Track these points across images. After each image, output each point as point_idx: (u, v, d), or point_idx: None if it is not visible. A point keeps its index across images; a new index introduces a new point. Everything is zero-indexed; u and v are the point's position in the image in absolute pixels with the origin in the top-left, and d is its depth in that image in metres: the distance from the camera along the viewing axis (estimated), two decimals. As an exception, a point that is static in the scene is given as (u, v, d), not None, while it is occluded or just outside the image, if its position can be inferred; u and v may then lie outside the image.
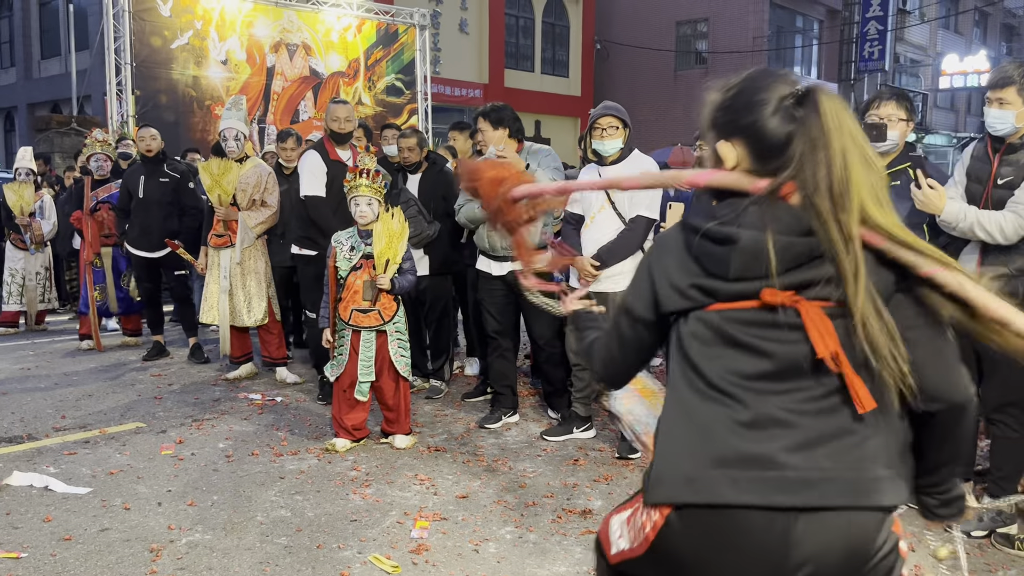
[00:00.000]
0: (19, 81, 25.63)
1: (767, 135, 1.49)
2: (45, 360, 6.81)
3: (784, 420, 1.46)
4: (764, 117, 1.49)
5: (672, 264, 1.55)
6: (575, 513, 3.71)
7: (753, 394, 1.48)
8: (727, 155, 1.56)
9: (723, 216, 1.49)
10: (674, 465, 1.52)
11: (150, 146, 6.64)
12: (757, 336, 1.48)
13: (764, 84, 1.52)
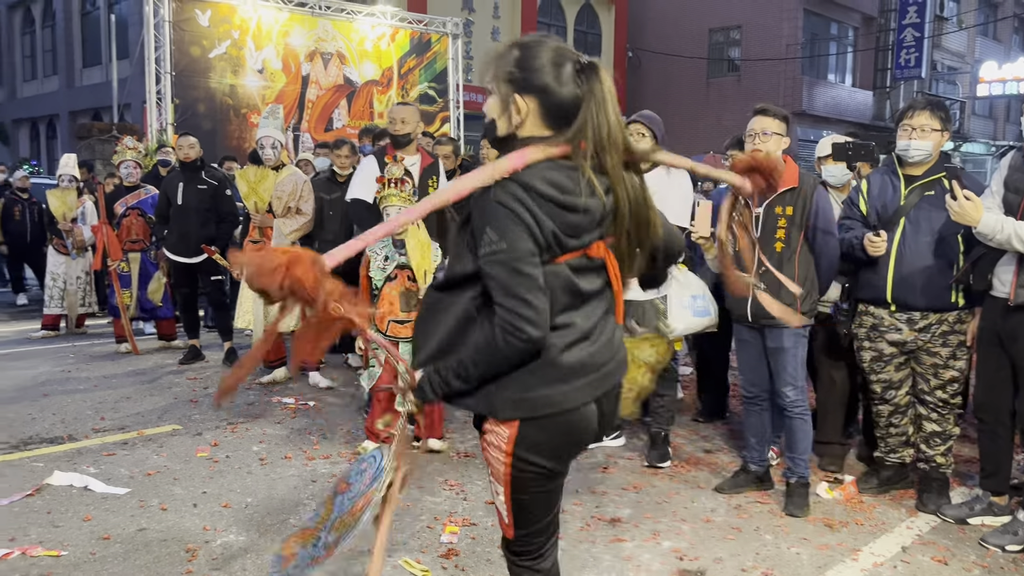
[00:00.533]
0: (61, 89, 26.23)
1: (558, 96, 1.82)
2: (85, 362, 6.96)
3: (594, 330, 1.91)
4: (557, 80, 1.81)
5: (542, 217, 1.77)
6: (604, 521, 3.72)
7: (581, 316, 1.89)
8: (521, 107, 1.84)
9: (567, 188, 1.79)
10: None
11: (188, 154, 6.77)
12: (584, 279, 1.87)
13: (555, 51, 1.83)
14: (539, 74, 1.81)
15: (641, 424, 5.22)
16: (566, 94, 1.81)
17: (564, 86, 1.81)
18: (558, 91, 1.81)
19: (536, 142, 1.82)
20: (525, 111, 1.84)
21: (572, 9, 25.99)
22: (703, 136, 21.02)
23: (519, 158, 1.79)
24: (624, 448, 4.77)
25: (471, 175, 1.84)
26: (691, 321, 4.41)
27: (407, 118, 5.06)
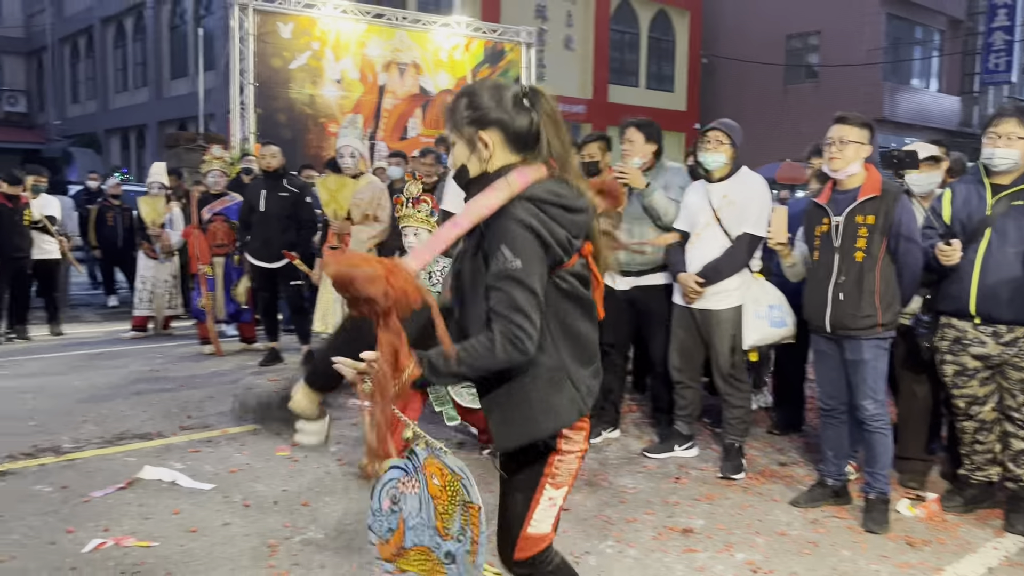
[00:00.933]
0: (151, 100, 27.34)
1: (515, 123, 2.00)
2: (171, 363, 7.25)
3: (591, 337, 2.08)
4: (509, 110, 1.99)
5: (554, 226, 1.93)
6: (676, 531, 3.70)
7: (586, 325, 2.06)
8: (488, 140, 2.01)
9: (566, 194, 1.96)
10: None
11: (271, 163, 7.00)
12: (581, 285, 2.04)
13: (496, 88, 2.04)
14: (492, 109, 2.00)
15: (714, 435, 5.17)
16: (522, 120, 2.00)
17: (517, 113, 2.00)
18: (514, 119, 2.00)
19: (513, 168, 1.99)
20: (492, 144, 2.01)
21: (646, 16, 25.87)
22: (779, 143, 20.64)
23: (521, 176, 1.96)
24: (697, 459, 4.73)
25: (484, 197, 1.96)
26: (767, 332, 4.35)
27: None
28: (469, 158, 2.05)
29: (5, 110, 32.44)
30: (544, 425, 2.01)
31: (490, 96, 2.01)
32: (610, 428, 5.13)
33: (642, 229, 4.78)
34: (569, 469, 2.10)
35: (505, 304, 1.88)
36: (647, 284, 4.86)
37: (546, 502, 2.10)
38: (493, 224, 1.94)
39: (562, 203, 1.94)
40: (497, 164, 2.02)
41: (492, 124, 2.00)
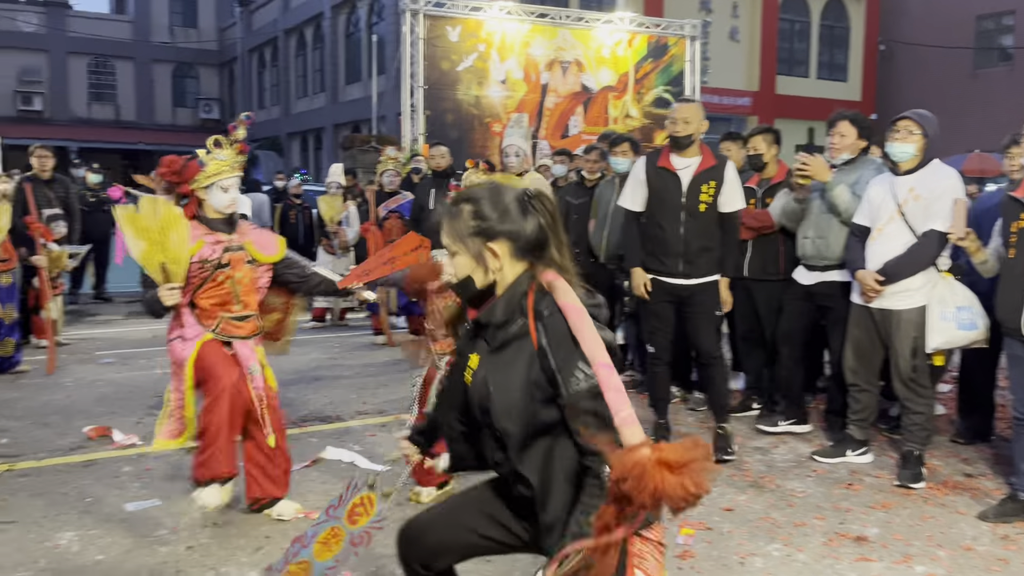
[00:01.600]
0: (327, 105, 29.02)
1: (524, 231, 1.90)
2: (348, 351, 7.70)
3: None
4: (517, 218, 1.90)
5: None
6: (848, 538, 3.57)
7: None
8: (501, 251, 1.91)
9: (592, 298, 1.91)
10: None
11: (440, 163, 7.28)
12: None
13: (499, 192, 1.92)
14: (500, 218, 1.90)
15: (891, 441, 4.92)
16: (530, 227, 1.90)
17: (525, 220, 1.90)
18: (522, 227, 1.90)
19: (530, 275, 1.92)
20: (501, 255, 1.91)
21: (818, 3, 24.73)
22: (968, 133, 19.14)
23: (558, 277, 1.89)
24: (872, 465, 4.52)
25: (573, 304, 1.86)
26: (954, 335, 4.09)
27: (690, 117, 4.49)
28: (475, 270, 1.95)
29: (201, 117, 35.41)
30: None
31: (494, 204, 1.90)
32: (792, 421, 5.00)
33: (831, 223, 4.61)
34: (656, 560, 1.82)
35: (599, 426, 1.73)
36: (830, 280, 4.68)
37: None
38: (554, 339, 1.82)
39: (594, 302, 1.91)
40: (508, 276, 1.92)
41: (501, 235, 1.90)
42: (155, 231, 3.25)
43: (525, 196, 1.91)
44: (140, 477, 4.22)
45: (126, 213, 3.23)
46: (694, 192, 4.49)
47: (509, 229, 1.89)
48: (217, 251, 3.48)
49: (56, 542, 3.44)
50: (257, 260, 3.62)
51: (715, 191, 4.49)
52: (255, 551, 3.37)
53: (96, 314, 9.77)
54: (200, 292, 3.49)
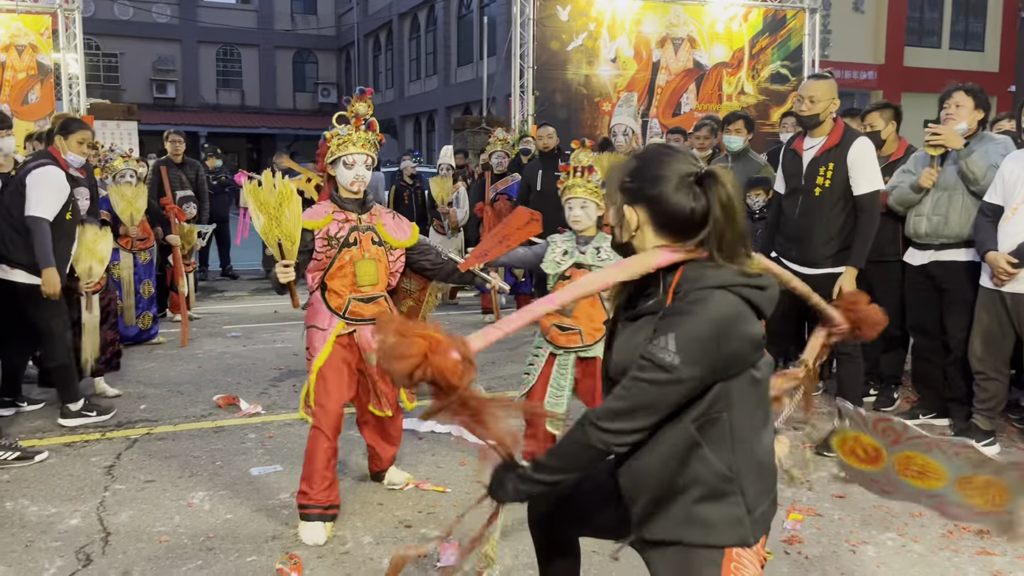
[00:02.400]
0: (439, 87, 29.50)
1: (670, 206, 1.75)
2: (458, 329, 7.77)
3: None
4: (669, 190, 1.74)
5: (750, 323, 1.72)
6: (969, 531, 3.42)
7: (770, 436, 1.85)
8: (631, 218, 1.81)
9: (744, 272, 1.73)
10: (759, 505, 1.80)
11: (547, 143, 7.32)
12: (768, 371, 1.82)
13: (669, 160, 1.77)
14: (651, 184, 1.76)
15: (1020, 433, 4.66)
16: (680, 204, 1.74)
17: (678, 196, 1.74)
18: (670, 200, 1.74)
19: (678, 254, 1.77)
20: (635, 221, 1.80)
21: (951, -32, 23.27)
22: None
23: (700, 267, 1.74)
24: (999, 456, 4.29)
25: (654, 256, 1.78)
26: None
27: (817, 95, 4.26)
28: (616, 225, 1.86)
29: (320, 101, 36.64)
30: (690, 534, 1.74)
31: (652, 169, 1.77)
32: (931, 414, 4.85)
33: (950, 200, 4.41)
34: (756, 570, 1.75)
35: (625, 391, 1.68)
36: (948, 259, 4.48)
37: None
38: (678, 305, 1.70)
39: (756, 283, 1.72)
40: (647, 244, 1.81)
41: (643, 200, 1.78)
42: (272, 206, 3.22)
43: (692, 174, 1.75)
44: (263, 444, 4.47)
45: (251, 187, 3.29)
46: (812, 174, 4.34)
47: (653, 198, 1.76)
48: (344, 229, 3.44)
49: (190, 501, 3.71)
50: (388, 243, 3.57)
51: (834, 173, 4.28)
52: (368, 516, 3.54)
53: (223, 290, 10.33)
54: (330, 273, 3.47)
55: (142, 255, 6.75)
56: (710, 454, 1.71)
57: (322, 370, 3.44)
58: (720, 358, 1.66)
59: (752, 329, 1.71)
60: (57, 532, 3.38)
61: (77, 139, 4.85)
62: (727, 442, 1.72)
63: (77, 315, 5.05)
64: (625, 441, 1.70)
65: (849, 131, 4.38)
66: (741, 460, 1.73)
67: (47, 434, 4.58)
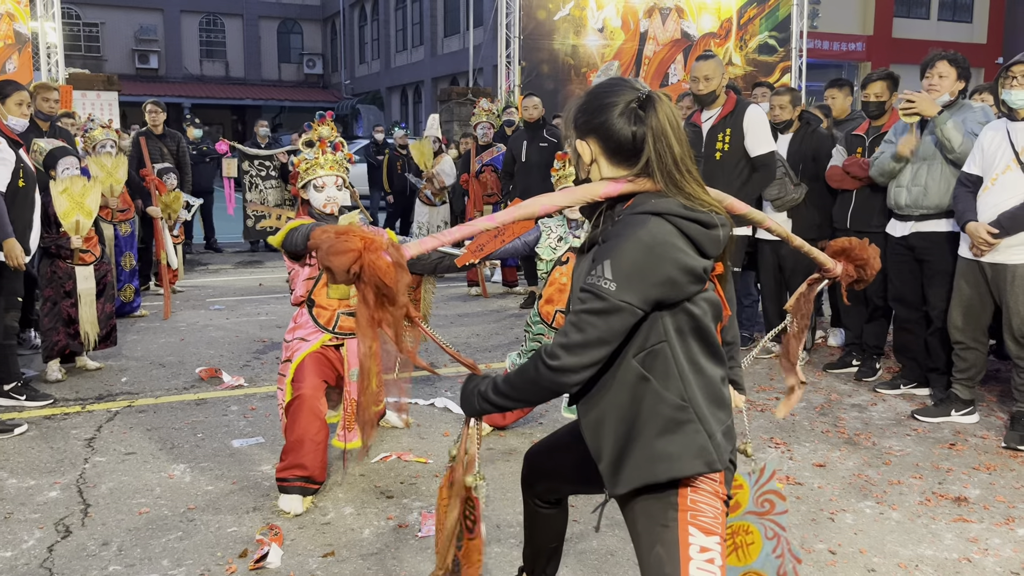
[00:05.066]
0: (426, 58, 29.21)
1: (614, 132, 1.74)
2: (443, 302, 7.85)
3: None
4: (612, 117, 1.74)
5: (685, 252, 1.67)
6: (947, 498, 3.45)
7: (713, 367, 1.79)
8: (583, 151, 1.81)
9: (693, 206, 1.70)
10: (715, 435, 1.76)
11: (532, 114, 7.26)
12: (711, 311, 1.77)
13: (613, 89, 1.77)
14: (596, 115, 1.77)
15: (999, 401, 4.70)
16: (622, 131, 1.74)
17: (620, 123, 1.74)
18: (615, 129, 1.75)
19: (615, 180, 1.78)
20: (588, 155, 1.80)
21: (941, -62, 23.14)
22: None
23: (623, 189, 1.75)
24: (977, 425, 4.34)
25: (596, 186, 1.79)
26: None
27: (710, 73, 4.81)
28: (575, 162, 1.87)
29: (305, 72, 36.25)
30: (657, 470, 1.72)
31: (602, 99, 1.77)
32: (912, 384, 4.89)
33: (928, 171, 4.42)
34: (714, 509, 1.74)
35: (571, 325, 1.68)
36: (928, 230, 4.49)
37: (699, 555, 1.71)
38: (614, 229, 1.71)
39: (699, 218, 1.69)
40: (600, 176, 1.81)
41: (592, 133, 1.78)
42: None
43: (635, 99, 1.74)
44: (245, 416, 4.46)
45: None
46: (711, 141, 4.89)
47: (598, 127, 1.76)
48: None
49: (171, 472, 3.70)
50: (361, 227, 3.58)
51: (731, 137, 4.81)
52: (349, 487, 3.53)
53: (208, 263, 10.26)
54: (318, 288, 3.47)
55: (123, 227, 6.68)
56: (659, 386, 1.71)
57: (303, 362, 3.43)
58: (653, 284, 1.65)
59: (687, 258, 1.67)
60: (36, 504, 3.36)
61: (15, 101, 4.75)
62: (673, 372, 1.72)
63: (71, 286, 5.00)
64: (574, 379, 1.70)
65: (741, 101, 4.97)
66: (691, 388, 1.73)
67: (27, 407, 4.54)
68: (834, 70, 22.68)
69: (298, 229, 3.39)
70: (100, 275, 5.22)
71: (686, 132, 1.80)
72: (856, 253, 2.26)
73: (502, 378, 1.83)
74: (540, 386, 1.73)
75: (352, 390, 3.57)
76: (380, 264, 1.63)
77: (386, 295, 1.66)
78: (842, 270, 2.28)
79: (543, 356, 1.70)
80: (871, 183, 4.86)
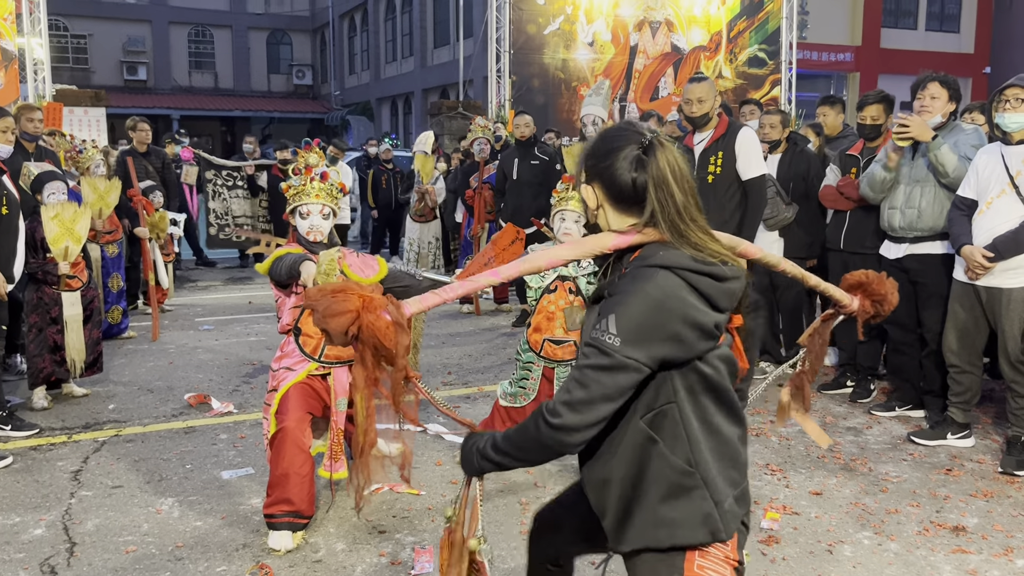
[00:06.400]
0: (416, 69, 29.17)
1: (616, 179, 1.70)
2: (434, 320, 7.79)
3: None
4: (615, 163, 1.70)
5: (695, 307, 1.62)
6: (945, 528, 3.42)
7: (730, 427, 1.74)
8: (588, 197, 1.78)
9: (703, 258, 1.65)
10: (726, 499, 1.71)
11: (524, 132, 7.22)
12: (726, 368, 1.72)
13: (620, 134, 1.73)
14: (601, 159, 1.73)
15: (995, 424, 4.68)
16: (623, 177, 1.70)
17: (622, 170, 1.70)
18: (616, 175, 1.70)
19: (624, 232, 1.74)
20: (594, 200, 1.78)
21: (928, -51, 23.29)
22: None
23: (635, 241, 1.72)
24: (973, 449, 4.31)
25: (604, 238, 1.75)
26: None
27: (704, 96, 4.72)
28: (584, 205, 1.83)
29: (294, 83, 36.17)
30: (660, 535, 1.67)
31: (609, 144, 1.73)
32: (907, 406, 4.87)
33: (922, 193, 4.40)
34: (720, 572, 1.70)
35: (574, 381, 1.63)
36: (922, 252, 4.47)
37: None
38: (621, 282, 1.67)
39: (710, 271, 1.64)
40: (610, 224, 1.77)
41: (597, 178, 1.75)
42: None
43: (639, 145, 1.70)
44: (235, 445, 4.40)
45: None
46: (704, 164, 4.84)
47: (603, 172, 1.73)
48: None
49: (158, 507, 3.63)
50: (358, 283, 3.51)
51: (723, 160, 4.77)
52: (341, 522, 3.48)
53: (197, 280, 10.18)
54: (304, 317, 3.42)
55: (110, 248, 6.61)
56: (666, 449, 1.66)
57: (288, 393, 3.38)
58: (660, 341, 1.60)
59: (697, 315, 1.61)
60: (21, 543, 3.30)
61: (0, 127, 4.70)
62: (681, 434, 1.66)
63: (57, 312, 4.94)
64: (577, 439, 1.64)
65: (733, 123, 4.93)
66: (700, 451, 1.67)
67: (12, 438, 4.46)
68: (823, 80, 22.78)
69: (283, 259, 3.35)
70: (87, 301, 5.15)
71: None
72: (873, 288, 2.22)
73: (501, 436, 1.78)
74: (542, 444, 1.67)
75: (339, 420, 3.53)
76: (379, 325, 1.60)
77: (384, 356, 1.63)
78: (858, 306, 2.24)
79: (544, 413, 1.65)
80: (865, 203, 4.84)
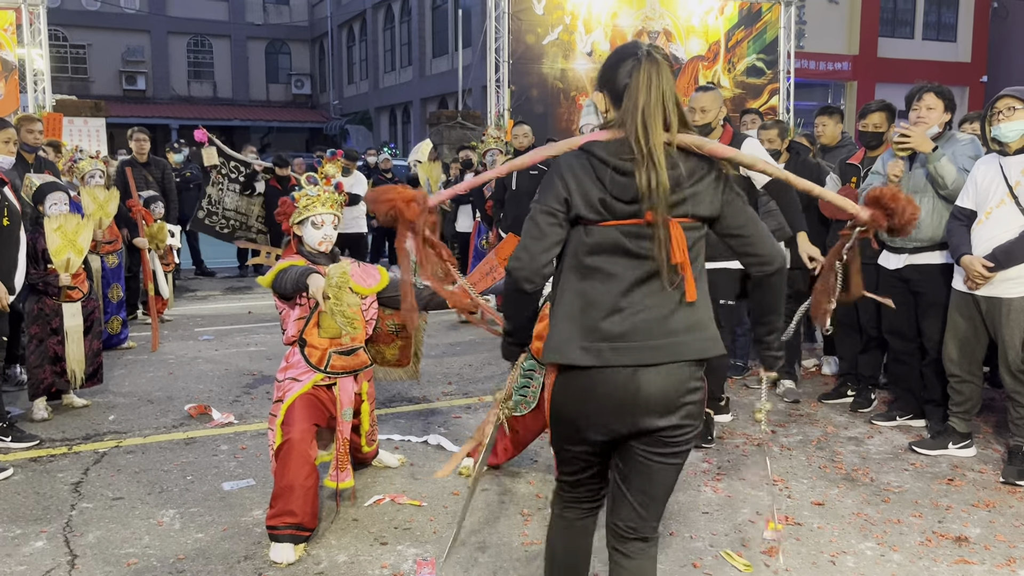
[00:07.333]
0: (415, 79, 29.26)
1: (616, 85, 2.07)
2: (435, 329, 7.79)
3: (641, 305, 2.07)
4: (617, 74, 2.07)
5: (584, 180, 2.05)
6: (947, 538, 3.42)
7: (627, 288, 2.07)
8: (598, 101, 2.17)
9: (622, 155, 2.01)
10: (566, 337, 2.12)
11: (522, 143, 7.26)
12: (641, 246, 2.04)
13: (624, 50, 2.10)
14: (607, 71, 2.11)
15: (996, 434, 4.68)
16: (619, 85, 2.06)
17: (619, 78, 2.06)
18: (615, 83, 2.07)
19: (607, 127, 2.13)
20: (603, 104, 2.15)
21: (924, -42, 23.40)
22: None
23: (590, 136, 2.10)
24: (975, 459, 4.31)
25: (550, 146, 2.21)
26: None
27: (707, 105, 4.62)
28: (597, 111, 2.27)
29: (293, 92, 36.25)
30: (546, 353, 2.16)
31: (612, 58, 2.12)
32: (908, 416, 4.87)
33: (921, 203, 4.41)
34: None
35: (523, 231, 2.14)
36: (922, 263, 4.48)
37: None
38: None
39: (613, 164, 2.01)
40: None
41: (603, 86, 2.13)
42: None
43: (636, 56, 2.04)
44: (236, 456, 4.39)
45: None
46: None
47: (607, 80, 2.11)
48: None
49: (159, 519, 3.62)
50: (360, 293, 3.53)
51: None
52: (342, 534, 3.47)
53: (196, 290, 10.18)
54: (309, 328, 3.44)
55: (110, 258, 6.61)
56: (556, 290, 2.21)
57: (293, 404, 3.40)
58: (557, 196, 2.07)
59: (586, 188, 2.05)
60: (22, 555, 3.28)
61: (2, 139, 4.69)
62: (561, 280, 2.18)
63: (58, 323, 4.93)
64: (533, 266, 2.09)
65: (738, 133, 4.80)
66: (571, 301, 2.14)
67: (12, 449, 4.45)
68: (821, 89, 22.86)
69: (288, 271, 3.35)
70: (87, 312, 5.15)
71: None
72: (886, 201, 2.28)
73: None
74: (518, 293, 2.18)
75: (344, 430, 3.54)
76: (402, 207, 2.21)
77: (412, 228, 2.23)
78: (869, 215, 2.30)
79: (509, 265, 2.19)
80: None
